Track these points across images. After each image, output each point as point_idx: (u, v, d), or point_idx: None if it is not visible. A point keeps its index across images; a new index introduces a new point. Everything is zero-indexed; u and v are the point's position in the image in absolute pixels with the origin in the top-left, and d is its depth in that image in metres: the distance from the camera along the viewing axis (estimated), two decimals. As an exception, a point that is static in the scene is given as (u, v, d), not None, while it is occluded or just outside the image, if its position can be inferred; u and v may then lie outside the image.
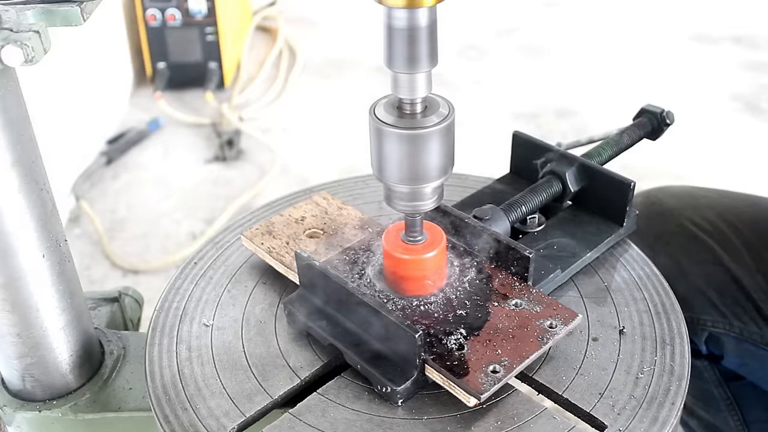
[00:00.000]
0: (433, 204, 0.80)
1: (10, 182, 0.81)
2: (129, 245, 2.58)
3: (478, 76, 3.54)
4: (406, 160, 0.75)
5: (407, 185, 0.77)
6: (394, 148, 0.74)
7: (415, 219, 0.82)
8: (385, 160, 0.76)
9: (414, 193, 0.78)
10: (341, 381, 0.82)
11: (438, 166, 0.76)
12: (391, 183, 0.77)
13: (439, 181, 0.77)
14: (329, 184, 1.13)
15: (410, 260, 0.83)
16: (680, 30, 3.89)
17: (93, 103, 2.97)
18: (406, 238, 0.84)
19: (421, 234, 0.84)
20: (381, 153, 0.76)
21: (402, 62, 0.71)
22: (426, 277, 0.84)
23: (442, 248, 0.84)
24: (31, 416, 0.95)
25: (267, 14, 3.97)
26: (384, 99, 0.77)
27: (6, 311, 0.88)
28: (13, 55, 0.70)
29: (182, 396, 0.82)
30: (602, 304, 0.90)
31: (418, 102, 0.74)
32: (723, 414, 1.35)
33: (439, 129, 0.74)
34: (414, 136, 0.73)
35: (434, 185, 0.77)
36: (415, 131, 0.73)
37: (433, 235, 0.85)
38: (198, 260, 1.01)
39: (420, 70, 0.71)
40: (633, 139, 1.07)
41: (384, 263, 0.87)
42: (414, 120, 0.74)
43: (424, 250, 0.83)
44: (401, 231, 0.84)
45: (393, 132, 0.74)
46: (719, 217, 1.34)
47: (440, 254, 0.84)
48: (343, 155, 2.97)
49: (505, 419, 0.77)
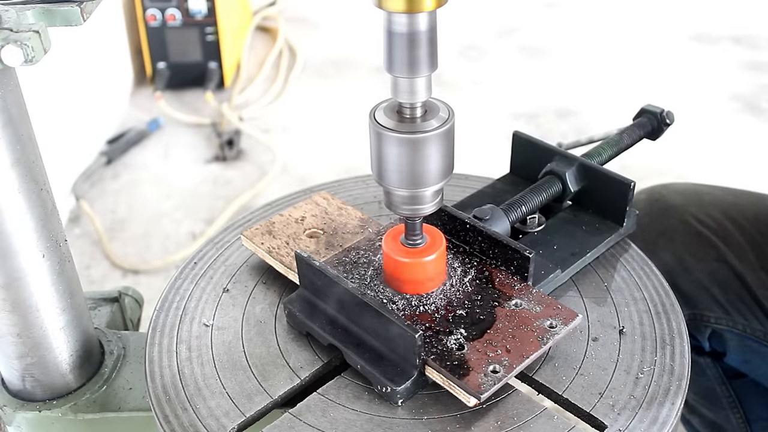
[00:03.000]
0: (434, 207, 0.80)
1: (10, 182, 0.81)
2: (129, 245, 2.58)
3: (478, 77, 3.54)
4: (406, 164, 0.75)
5: (407, 189, 0.77)
6: (394, 152, 0.74)
7: (415, 222, 0.82)
8: (385, 164, 0.76)
9: (414, 196, 0.78)
10: (341, 381, 0.82)
11: (438, 170, 0.76)
12: (391, 187, 0.77)
13: (439, 184, 0.77)
14: (329, 184, 1.13)
15: (410, 263, 0.83)
16: (680, 30, 3.89)
17: (93, 103, 2.97)
18: (405, 241, 0.84)
19: (421, 237, 0.84)
20: (381, 157, 0.76)
21: (402, 67, 0.71)
22: (426, 279, 0.85)
23: (442, 251, 0.85)
24: (31, 416, 0.95)
25: (267, 14, 3.97)
26: (384, 103, 0.77)
27: (6, 311, 0.88)
28: (13, 55, 0.70)
29: (182, 396, 0.82)
30: (602, 304, 0.90)
31: (418, 106, 0.74)
32: (725, 411, 1.36)
33: (438, 133, 0.74)
34: (414, 140, 0.73)
35: (434, 189, 0.78)
36: (415, 135, 0.73)
37: (433, 238, 0.85)
38: (198, 260, 1.01)
39: (420, 74, 0.71)
40: (633, 139, 1.07)
41: (384, 266, 0.87)
42: (414, 124, 0.74)
43: (424, 254, 0.83)
44: (401, 234, 0.84)
45: (393, 136, 0.74)
46: (723, 214, 1.34)
47: (440, 257, 0.84)
48: (343, 155, 2.98)
49: (505, 419, 0.77)
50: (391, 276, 0.86)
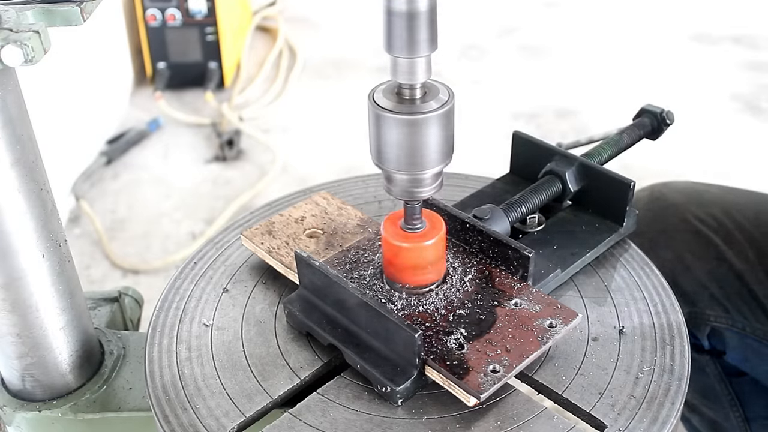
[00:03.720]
0: (433, 191, 0.78)
1: (10, 182, 0.81)
2: (129, 245, 2.58)
3: (478, 76, 3.54)
4: (405, 145, 0.73)
5: (406, 171, 0.75)
6: (393, 133, 0.73)
7: (414, 206, 0.81)
8: (384, 146, 0.75)
9: (413, 179, 0.76)
10: (341, 381, 0.82)
11: (437, 153, 0.74)
12: (390, 169, 0.76)
13: (439, 167, 0.76)
14: (329, 184, 1.13)
15: (410, 248, 0.82)
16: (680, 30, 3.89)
17: (93, 103, 2.97)
18: (405, 226, 0.82)
19: (420, 222, 0.82)
20: (380, 139, 0.74)
21: (401, 46, 0.70)
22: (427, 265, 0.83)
23: (442, 236, 0.83)
24: (31, 416, 0.95)
25: (267, 14, 3.97)
26: (383, 85, 0.76)
27: (6, 311, 0.88)
28: (13, 55, 0.70)
29: (182, 396, 0.82)
30: (602, 304, 0.90)
31: (418, 87, 0.73)
32: (725, 410, 1.36)
33: (438, 114, 0.73)
34: (413, 121, 0.72)
35: (433, 172, 0.76)
36: (414, 116, 0.72)
37: (432, 223, 0.83)
38: (198, 260, 1.01)
39: (419, 54, 0.70)
40: (633, 139, 1.07)
41: (383, 253, 0.86)
42: (413, 105, 0.73)
43: (424, 238, 0.82)
44: (400, 219, 0.83)
45: (392, 117, 0.72)
46: (723, 212, 1.34)
47: (439, 242, 0.83)
48: (343, 155, 2.98)
49: (505, 419, 0.77)
50: (390, 263, 0.84)
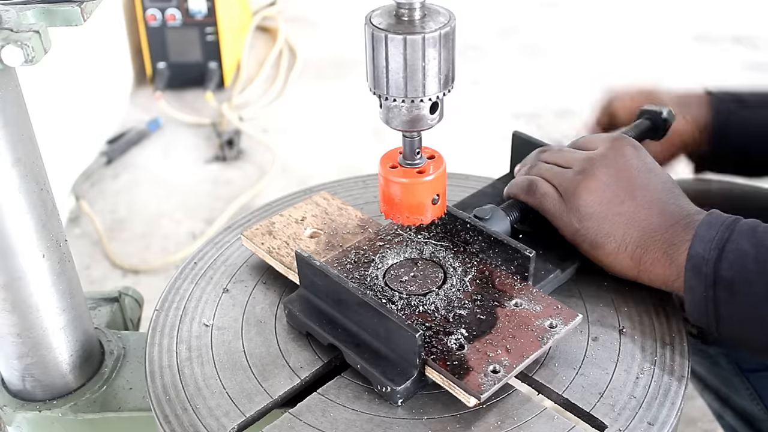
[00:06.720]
0: (432, 122, 0.76)
1: (10, 182, 0.81)
2: (129, 245, 2.58)
3: (478, 76, 3.54)
4: (403, 68, 0.71)
5: (404, 96, 0.73)
6: (391, 54, 0.71)
7: (413, 140, 0.78)
8: (381, 70, 0.72)
9: (411, 108, 0.74)
10: (341, 381, 0.82)
11: (436, 77, 0.72)
12: (388, 94, 0.73)
13: (437, 94, 0.74)
14: (329, 184, 1.13)
15: (408, 183, 0.79)
16: (681, 30, 3.89)
17: (93, 103, 2.96)
18: (403, 161, 0.80)
19: (420, 157, 0.80)
20: (377, 62, 0.72)
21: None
22: (426, 202, 0.80)
23: (443, 171, 0.80)
24: (31, 416, 0.95)
25: (267, 14, 3.96)
26: (380, 9, 0.73)
27: (6, 311, 0.88)
28: (13, 55, 0.70)
29: (182, 396, 0.82)
30: (602, 304, 0.90)
31: (417, 8, 0.71)
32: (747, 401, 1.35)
33: (437, 35, 0.71)
34: (411, 41, 0.70)
35: (432, 100, 0.73)
36: (413, 36, 0.70)
37: (432, 158, 0.81)
38: (198, 260, 1.01)
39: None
40: (633, 139, 1.07)
41: (381, 191, 0.82)
42: (412, 26, 0.71)
43: (423, 173, 0.79)
44: (398, 155, 0.80)
45: (389, 37, 0.70)
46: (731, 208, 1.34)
47: (440, 177, 0.80)
48: (343, 155, 2.97)
49: (505, 419, 0.77)
50: (388, 201, 0.81)
